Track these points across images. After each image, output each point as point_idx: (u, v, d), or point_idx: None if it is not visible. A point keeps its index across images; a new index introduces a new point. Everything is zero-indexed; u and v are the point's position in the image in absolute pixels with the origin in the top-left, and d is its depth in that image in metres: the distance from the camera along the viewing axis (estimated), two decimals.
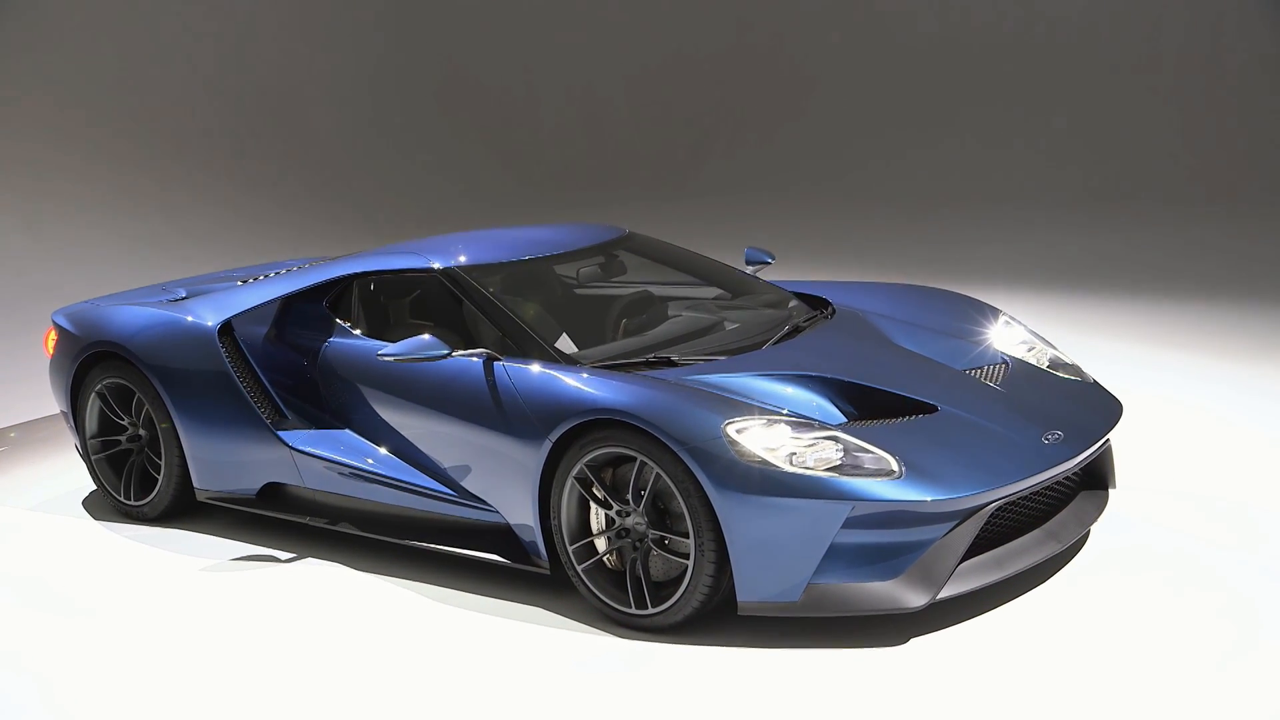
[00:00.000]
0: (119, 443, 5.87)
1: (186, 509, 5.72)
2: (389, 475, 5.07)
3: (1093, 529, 4.86)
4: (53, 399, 6.15)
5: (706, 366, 4.73)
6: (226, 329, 5.56)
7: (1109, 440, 4.84)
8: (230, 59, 14.94)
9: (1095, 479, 4.82)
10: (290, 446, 5.29)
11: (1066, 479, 4.63)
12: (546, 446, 4.49)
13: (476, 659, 4.35)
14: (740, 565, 4.14)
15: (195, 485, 5.60)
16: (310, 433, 5.34)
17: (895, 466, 4.14)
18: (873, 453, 4.18)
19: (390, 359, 4.80)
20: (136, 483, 5.82)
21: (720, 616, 4.33)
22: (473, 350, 4.83)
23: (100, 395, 5.81)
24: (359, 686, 4.21)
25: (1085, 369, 5.34)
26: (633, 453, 4.30)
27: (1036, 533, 4.48)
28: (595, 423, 4.38)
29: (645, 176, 15.24)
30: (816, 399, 4.54)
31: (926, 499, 4.08)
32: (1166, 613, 4.31)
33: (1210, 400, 6.69)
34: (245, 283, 6.04)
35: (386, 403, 5.12)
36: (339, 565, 5.18)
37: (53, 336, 6.03)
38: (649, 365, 4.79)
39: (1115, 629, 4.22)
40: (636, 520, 4.38)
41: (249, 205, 13.72)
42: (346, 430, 5.29)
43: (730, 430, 4.17)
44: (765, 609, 4.17)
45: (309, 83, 15.59)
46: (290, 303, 5.59)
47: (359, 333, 5.38)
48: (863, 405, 4.55)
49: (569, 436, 4.44)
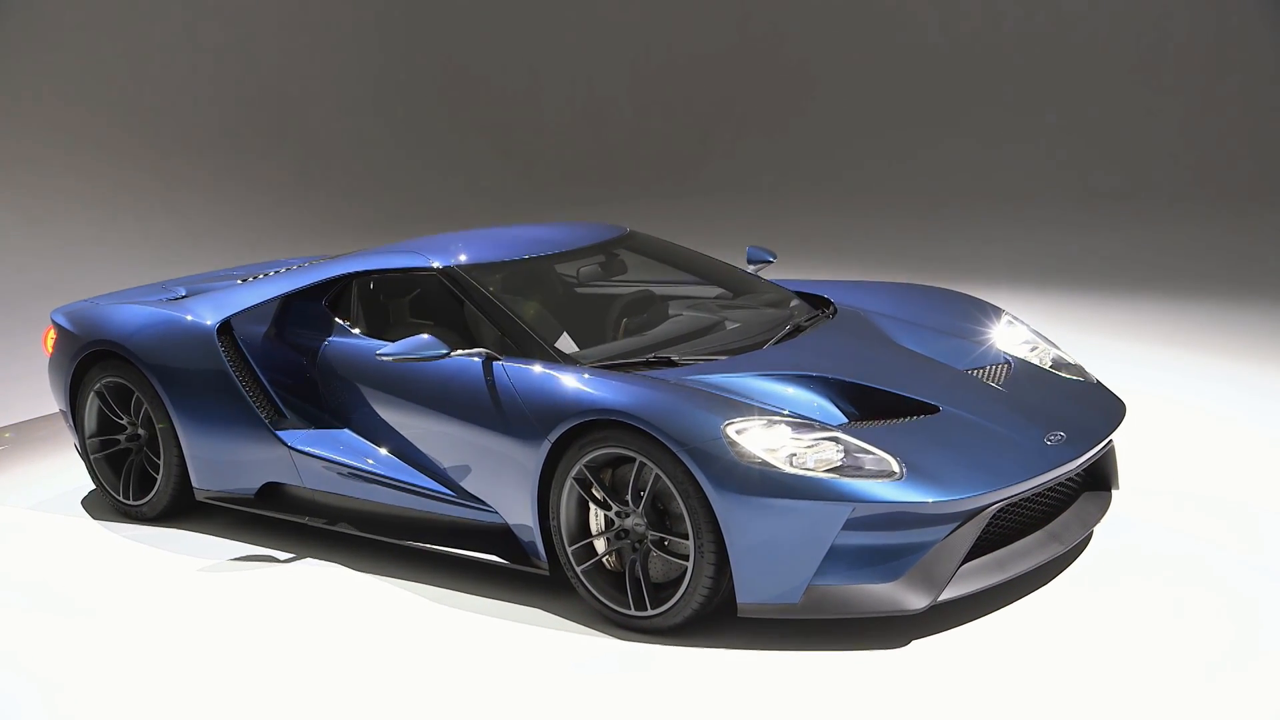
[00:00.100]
0: (118, 442, 5.85)
1: (185, 509, 5.70)
2: (388, 475, 5.05)
3: (1095, 530, 4.83)
4: (52, 398, 6.13)
5: (707, 366, 4.71)
6: (225, 328, 5.54)
7: (1112, 441, 4.81)
8: (234, 56, 14.94)
9: (1098, 480, 4.79)
10: (289, 446, 5.28)
11: (1069, 480, 4.60)
12: (545, 447, 4.47)
13: (475, 660, 4.33)
14: (740, 567, 4.12)
15: (194, 485, 5.58)
16: (309, 432, 5.32)
17: (896, 468, 4.12)
18: (874, 454, 4.16)
19: (389, 359, 4.77)
20: (135, 482, 5.80)
21: (720, 618, 4.31)
22: (472, 350, 4.81)
23: (99, 394, 5.79)
24: (357, 687, 4.19)
25: (1088, 368, 5.31)
26: (632, 453, 4.28)
27: (1039, 534, 4.45)
28: (594, 423, 4.36)
29: (648, 174, 15.22)
30: (817, 399, 4.52)
31: (928, 500, 4.05)
32: (1169, 615, 4.28)
33: (1212, 400, 6.66)
34: (245, 281, 6.03)
35: (385, 402, 5.10)
36: (338, 565, 5.16)
37: (52, 335, 6.01)
38: (649, 365, 4.77)
39: (1118, 631, 4.19)
40: (636, 521, 4.36)
41: (252, 203, 13.71)
42: (345, 430, 5.27)
43: (730, 431, 4.15)
44: (765, 611, 4.14)
45: (311, 80, 15.58)
46: (290, 302, 5.57)
47: (358, 332, 5.36)
48: (864, 405, 4.52)
49: (568, 437, 4.42)
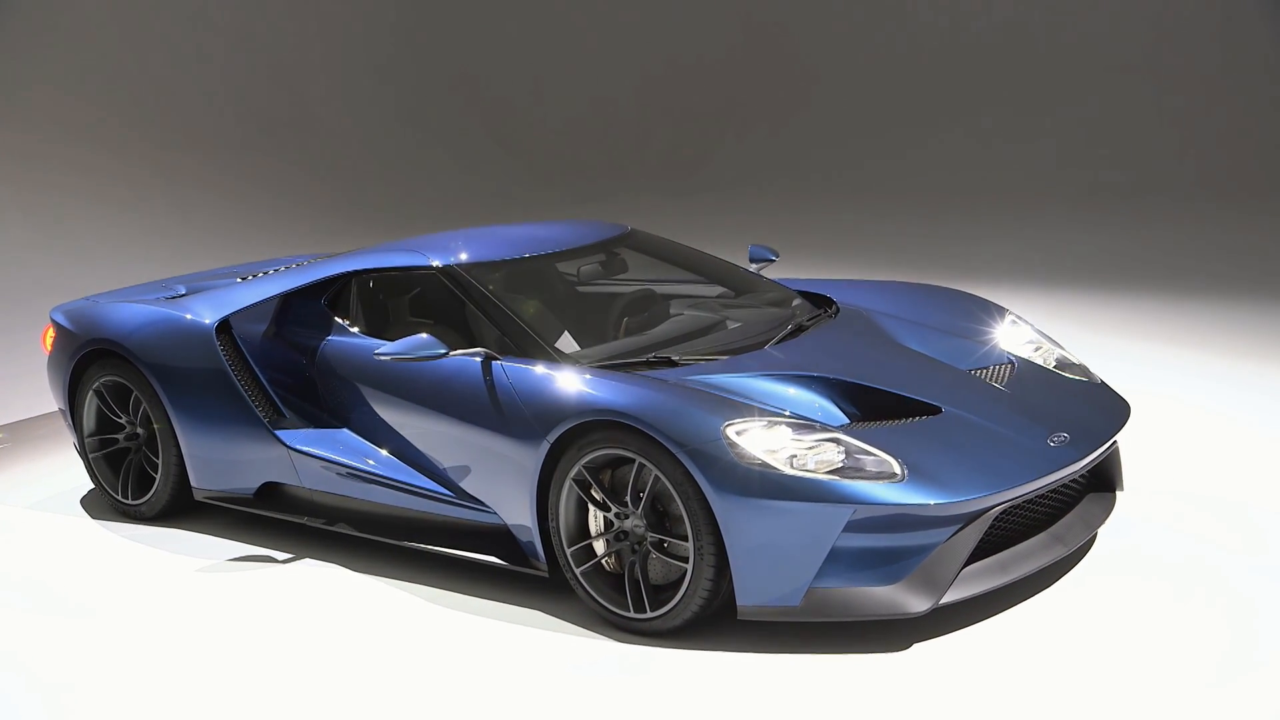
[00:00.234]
0: (117, 441, 5.83)
1: (184, 508, 5.68)
2: (386, 475, 5.02)
3: (1099, 532, 4.79)
4: (51, 396, 6.11)
5: (707, 366, 4.67)
6: (224, 327, 5.52)
7: (1116, 442, 4.77)
8: (239, 54, 14.91)
9: (1102, 481, 4.76)
10: (288, 446, 5.25)
11: (1073, 481, 4.56)
12: (544, 447, 4.43)
13: (473, 662, 4.31)
14: (740, 569, 4.08)
15: (193, 484, 5.56)
16: (308, 432, 5.29)
17: (898, 469, 4.08)
18: (875, 455, 4.12)
19: (387, 358, 4.74)
20: (134, 481, 5.78)
21: (720, 621, 4.28)
22: (471, 350, 4.78)
23: (98, 393, 5.77)
24: (355, 688, 4.17)
25: (1092, 368, 5.27)
26: (631, 454, 4.24)
27: (1042, 536, 4.42)
28: (594, 424, 4.33)
29: (650, 172, 15.18)
30: (818, 400, 4.48)
31: (929, 502, 4.01)
32: (1173, 618, 4.24)
33: (1217, 400, 6.62)
34: (244, 280, 6.00)
35: (384, 402, 5.07)
36: (336, 566, 5.13)
37: (50, 334, 5.99)
38: (649, 365, 4.73)
39: (1121, 634, 4.15)
40: (635, 523, 4.32)
41: (255, 200, 13.69)
42: (344, 430, 5.24)
43: (730, 432, 4.11)
44: (765, 613, 4.11)
45: (316, 76, 15.56)
46: (289, 300, 5.55)
47: (357, 331, 5.34)
48: (865, 406, 4.48)
49: (567, 437, 4.39)
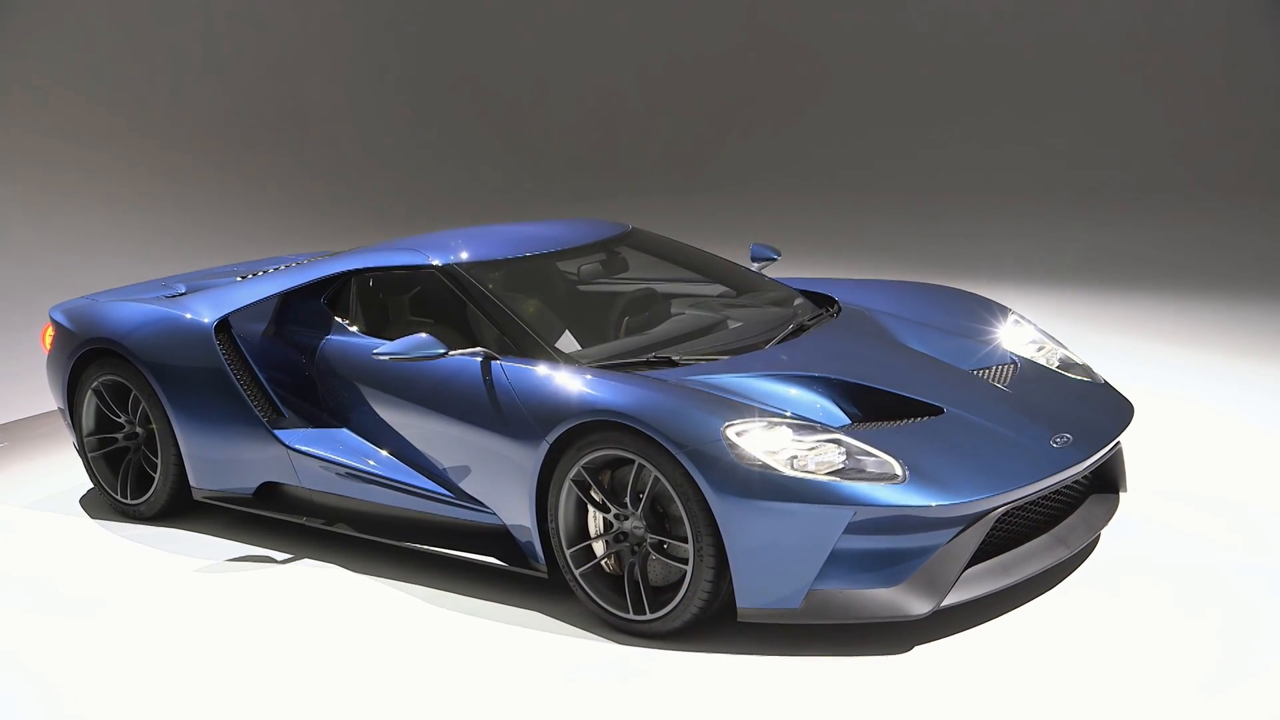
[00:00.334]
0: (116, 440, 5.81)
1: (183, 508, 5.66)
2: (386, 475, 5.00)
3: (1102, 533, 4.76)
4: (50, 396, 6.09)
5: (708, 366, 4.64)
6: (223, 326, 5.50)
7: (1120, 443, 4.74)
8: (242, 53, 14.90)
9: (1105, 482, 4.73)
10: (287, 446, 5.23)
11: (1076, 482, 4.53)
12: (544, 448, 4.41)
13: (472, 663, 4.29)
14: (740, 571, 4.06)
15: (192, 484, 5.54)
16: (307, 432, 5.27)
17: (899, 470, 4.05)
18: (876, 456, 4.09)
19: (386, 358, 4.72)
20: (133, 481, 5.76)
21: (719, 623, 4.25)
22: (470, 349, 4.75)
23: (97, 392, 5.75)
24: (354, 689, 4.15)
25: (1096, 368, 5.24)
26: (631, 455, 4.22)
27: (1044, 538, 4.39)
28: (593, 424, 4.30)
29: (651, 171, 15.16)
30: (819, 400, 4.45)
31: (930, 504, 3.99)
32: (1174, 620, 4.22)
33: (1221, 400, 6.59)
34: (244, 279, 5.98)
35: (384, 402, 5.05)
36: (335, 566, 5.11)
37: (50, 333, 5.97)
38: (649, 365, 4.70)
39: (1123, 636, 4.13)
40: (635, 524, 4.30)
41: (257, 198, 13.68)
42: (344, 429, 5.22)
43: (730, 433, 4.09)
44: (765, 616, 4.08)
45: (318, 75, 15.55)
46: (288, 299, 5.53)
47: (357, 330, 5.31)
48: (867, 407, 4.45)
49: (567, 438, 4.36)
